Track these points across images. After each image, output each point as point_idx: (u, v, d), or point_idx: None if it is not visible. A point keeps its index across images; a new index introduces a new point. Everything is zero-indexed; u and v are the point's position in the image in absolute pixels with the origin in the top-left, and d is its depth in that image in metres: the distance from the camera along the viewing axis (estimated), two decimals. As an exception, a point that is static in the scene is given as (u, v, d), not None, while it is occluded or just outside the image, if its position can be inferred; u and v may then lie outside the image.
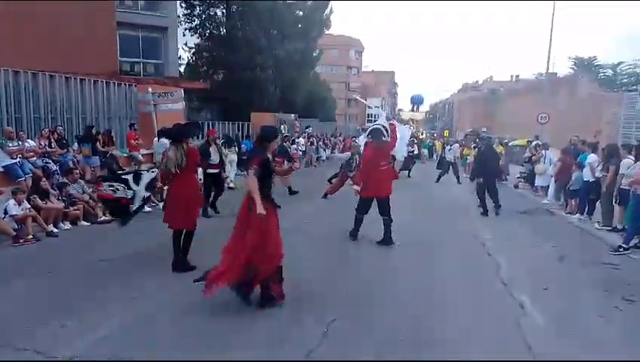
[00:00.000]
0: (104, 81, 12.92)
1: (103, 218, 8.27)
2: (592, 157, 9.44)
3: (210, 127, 21.28)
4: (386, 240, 7.13)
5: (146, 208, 9.49)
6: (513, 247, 7.37)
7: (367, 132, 7.56)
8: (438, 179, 16.04)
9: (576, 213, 9.90)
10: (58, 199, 8.11)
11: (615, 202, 8.34)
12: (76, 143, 10.88)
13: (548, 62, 22.27)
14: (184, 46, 27.62)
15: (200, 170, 7.86)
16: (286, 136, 14.27)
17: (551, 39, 22.28)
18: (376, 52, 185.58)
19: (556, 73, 32.20)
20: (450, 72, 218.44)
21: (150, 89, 13.48)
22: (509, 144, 22.24)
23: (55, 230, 7.48)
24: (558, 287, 5.44)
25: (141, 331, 4.00)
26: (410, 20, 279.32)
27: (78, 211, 8.18)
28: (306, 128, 24.64)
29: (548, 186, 12.41)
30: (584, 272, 6.18)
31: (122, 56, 18.98)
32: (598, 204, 9.16)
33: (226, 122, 22.21)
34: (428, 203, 11.77)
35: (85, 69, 13.64)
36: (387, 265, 6.12)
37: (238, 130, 21.45)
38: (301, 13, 30.73)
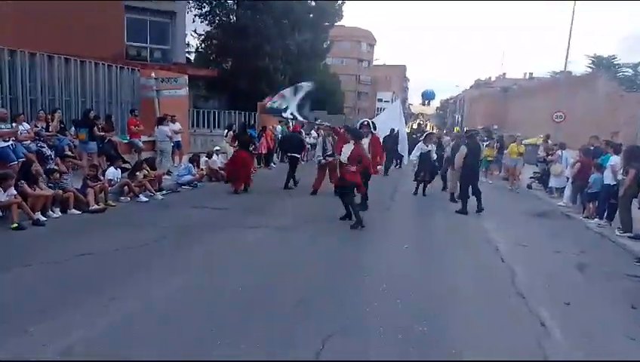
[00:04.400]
0: (106, 63, 12.47)
1: (95, 206, 7.87)
2: (614, 159, 8.89)
3: (216, 116, 21.13)
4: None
5: (142, 198, 9.13)
6: (529, 253, 6.87)
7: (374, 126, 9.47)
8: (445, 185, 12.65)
9: (595, 217, 9.37)
10: (47, 185, 7.68)
11: (639, 208, 7.82)
12: (73, 127, 10.47)
13: (566, 59, 21.47)
14: (193, 32, 27.13)
15: None
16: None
17: (570, 37, 21.61)
18: (388, 45, 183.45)
19: (571, 72, 31.41)
20: (463, 68, 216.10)
21: (153, 74, 13.06)
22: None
23: (42, 218, 7.04)
24: (580, 302, 4.94)
25: (116, 338, 3.57)
26: (424, 14, 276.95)
27: (68, 196, 7.71)
28: (316, 120, 24.06)
29: (563, 188, 11.86)
30: (609, 285, 5.68)
31: (129, 40, 18.55)
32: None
33: (233, 111, 21.76)
34: (437, 202, 11.24)
35: (91, 51, 13.19)
36: (394, 271, 5.63)
37: (245, 120, 20.98)
38: (313, 3, 30.08)
